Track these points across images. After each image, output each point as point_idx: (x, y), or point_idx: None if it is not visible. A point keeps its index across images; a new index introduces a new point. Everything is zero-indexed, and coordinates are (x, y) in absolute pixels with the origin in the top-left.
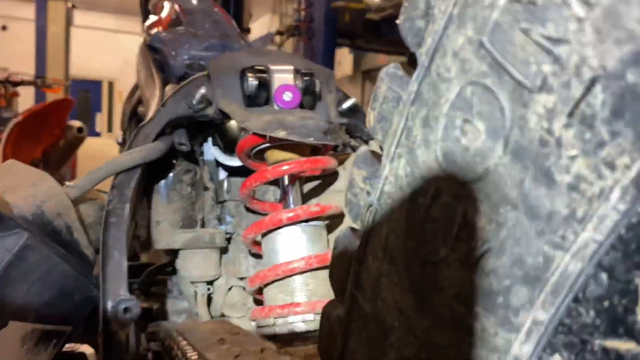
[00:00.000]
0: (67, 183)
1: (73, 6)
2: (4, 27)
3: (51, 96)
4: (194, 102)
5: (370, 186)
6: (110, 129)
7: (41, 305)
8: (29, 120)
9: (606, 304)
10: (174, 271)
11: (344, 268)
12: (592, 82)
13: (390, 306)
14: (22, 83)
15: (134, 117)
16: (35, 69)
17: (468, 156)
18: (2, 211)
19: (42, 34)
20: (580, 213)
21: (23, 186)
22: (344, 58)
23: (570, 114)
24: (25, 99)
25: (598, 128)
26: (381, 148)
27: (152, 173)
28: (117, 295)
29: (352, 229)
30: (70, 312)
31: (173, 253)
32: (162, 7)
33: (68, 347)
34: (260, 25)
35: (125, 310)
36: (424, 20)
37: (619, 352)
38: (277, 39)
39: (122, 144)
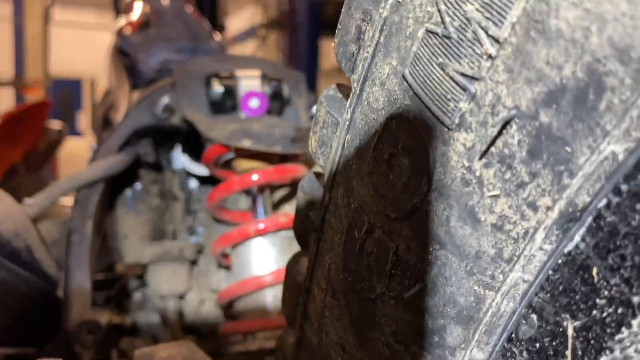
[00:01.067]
0: (25, 200)
1: (52, 2)
2: None
3: (31, 96)
4: (158, 112)
5: (312, 212)
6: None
7: (1, 330)
8: (6, 125)
9: (538, 345)
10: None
11: (294, 296)
12: (508, 121)
13: (333, 341)
14: (0, 84)
15: (106, 123)
16: (14, 69)
17: (396, 192)
18: None
19: (19, 33)
20: (507, 253)
21: None
22: (330, 50)
23: (489, 154)
24: (4, 100)
25: (517, 168)
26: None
27: (117, 185)
28: (81, 316)
29: (300, 254)
30: (34, 333)
31: (144, 266)
32: (133, 8)
33: None
34: (244, 18)
35: (89, 331)
36: (356, 45)
37: None
38: (262, 31)
39: None
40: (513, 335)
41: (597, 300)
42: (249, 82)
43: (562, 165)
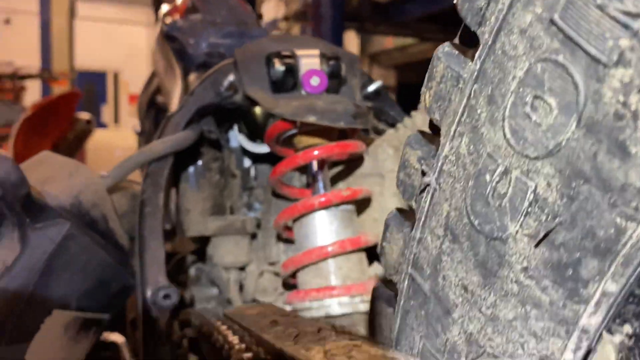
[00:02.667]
0: (101, 173)
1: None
2: (7, 21)
3: (57, 89)
4: (222, 90)
5: (426, 166)
6: (116, 120)
7: (81, 294)
8: (37, 115)
9: None
10: (202, 259)
11: (397, 248)
12: None
13: (453, 283)
14: (29, 77)
15: (152, 107)
16: (40, 62)
17: (539, 132)
18: (44, 202)
19: (46, 27)
20: None
21: (60, 177)
22: (351, 42)
23: None
24: (32, 92)
25: None
26: (434, 128)
27: (180, 162)
28: (156, 282)
29: (400, 210)
30: (108, 300)
31: (202, 241)
32: None
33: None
34: (266, 12)
35: (165, 297)
36: (484, 0)
37: None
38: (284, 24)
39: (141, 134)
40: None
41: None
42: (309, 61)
43: None
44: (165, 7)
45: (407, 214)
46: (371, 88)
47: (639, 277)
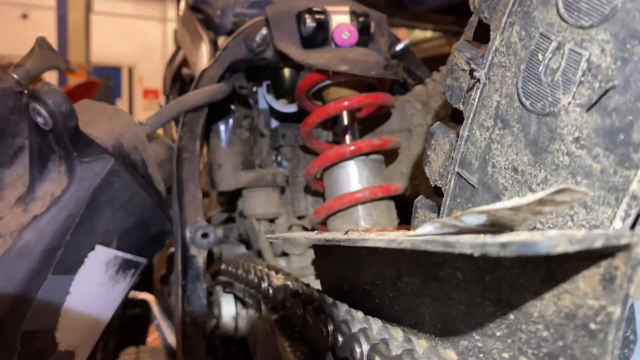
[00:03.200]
0: (140, 121)
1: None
2: (24, 16)
3: (74, 80)
4: (254, 45)
5: (475, 65)
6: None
7: (123, 233)
8: None
9: None
10: (229, 220)
11: (443, 154)
12: None
13: (503, 167)
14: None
15: (176, 81)
16: None
17: (593, 1)
18: (90, 137)
19: (62, 22)
20: None
21: (101, 120)
22: None
23: None
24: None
25: None
26: (483, 32)
27: (212, 119)
28: (195, 222)
29: (444, 123)
30: (146, 243)
31: (231, 196)
32: None
33: (131, 294)
34: None
35: (203, 235)
36: None
37: None
38: None
39: None
40: None
41: None
42: (340, 17)
43: None
44: None
45: (449, 125)
46: (399, 47)
47: None
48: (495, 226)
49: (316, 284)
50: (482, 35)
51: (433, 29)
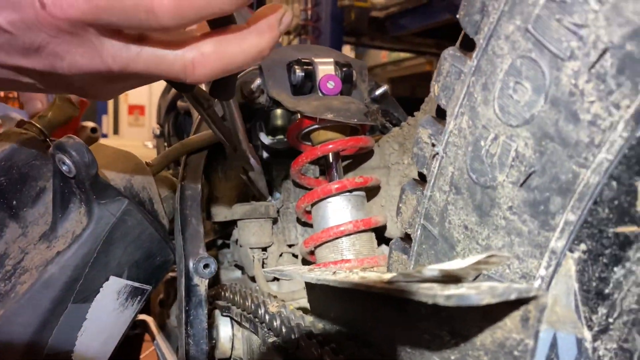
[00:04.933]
0: (146, 161)
1: None
2: None
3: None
4: (249, 92)
5: (435, 140)
6: (116, 131)
7: (132, 264)
8: None
9: (616, 202)
10: (224, 245)
11: (411, 207)
12: (604, 51)
13: (456, 224)
14: None
15: (171, 111)
16: None
17: (519, 107)
18: (107, 181)
19: None
20: (597, 141)
21: (115, 164)
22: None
23: (590, 73)
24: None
25: (608, 81)
26: (442, 112)
27: (211, 155)
28: (197, 254)
29: (414, 180)
30: (152, 272)
31: (226, 226)
32: None
33: None
34: None
35: (205, 266)
36: (479, 15)
37: (625, 234)
38: (285, 38)
39: (160, 136)
40: (598, 199)
41: None
42: (325, 67)
43: (638, 77)
44: None
45: (417, 182)
46: (378, 92)
47: (590, 209)
48: (447, 277)
49: (306, 305)
50: (441, 114)
51: (412, 51)
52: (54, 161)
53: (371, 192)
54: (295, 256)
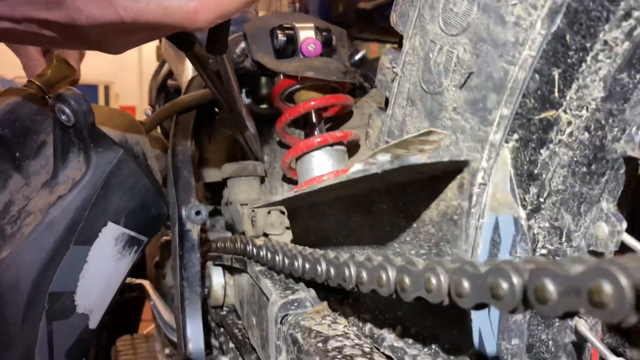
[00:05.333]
0: (140, 120)
1: None
2: None
3: None
4: (234, 56)
5: (395, 63)
6: None
7: (129, 212)
8: None
9: (539, 92)
10: (216, 212)
11: (377, 129)
12: None
13: (412, 133)
14: None
15: (162, 92)
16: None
17: (458, 18)
18: (103, 132)
19: None
20: (521, 39)
21: (109, 120)
22: None
23: None
24: None
25: None
26: (400, 39)
27: (200, 119)
28: (189, 202)
29: (379, 107)
30: (147, 223)
31: (216, 190)
32: None
33: (127, 280)
34: None
35: (197, 213)
36: None
37: (547, 119)
38: None
39: None
40: (525, 91)
41: (569, 53)
42: (306, 32)
43: None
44: None
45: (381, 109)
46: (357, 56)
47: (520, 101)
48: (395, 156)
49: None
50: (401, 42)
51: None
52: (54, 111)
53: (352, 149)
54: (283, 213)
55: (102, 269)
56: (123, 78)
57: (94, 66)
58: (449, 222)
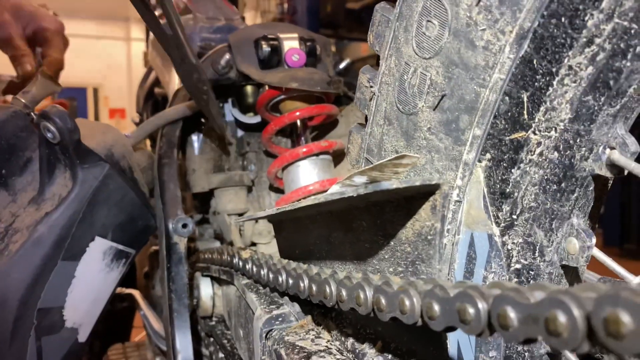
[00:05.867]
0: (125, 134)
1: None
2: None
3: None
4: (220, 67)
5: (372, 82)
6: None
7: (116, 226)
8: None
9: (509, 114)
10: (204, 221)
11: (357, 145)
12: None
13: (389, 151)
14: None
15: (149, 99)
16: None
17: (430, 42)
18: (89, 147)
19: None
20: (491, 63)
21: (95, 134)
22: None
23: (479, 6)
24: None
25: (494, 12)
26: (378, 58)
27: (186, 131)
28: (175, 215)
29: (359, 124)
30: (135, 236)
31: (204, 199)
32: None
33: (118, 290)
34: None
35: (183, 225)
36: None
37: (517, 140)
38: None
39: (140, 124)
40: (496, 113)
41: (537, 77)
42: (291, 42)
43: (515, 7)
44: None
45: (361, 125)
46: (342, 65)
47: (491, 122)
48: (373, 182)
49: None
50: (378, 61)
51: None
52: (40, 129)
53: (338, 157)
54: (270, 221)
55: (91, 283)
56: (112, 80)
57: (83, 68)
58: (424, 242)
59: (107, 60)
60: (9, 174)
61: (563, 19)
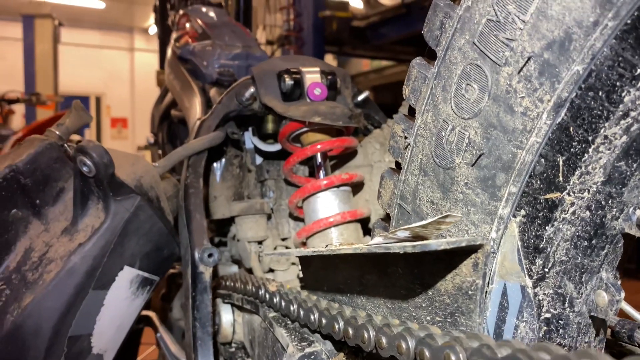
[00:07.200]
0: (153, 164)
1: (60, 24)
2: None
3: (43, 112)
4: (243, 99)
5: (406, 133)
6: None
7: (143, 255)
8: (28, 136)
9: (544, 175)
10: (221, 243)
11: (390, 191)
12: (528, 59)
13: (425, 201)
14: (17, 101)
15: (165, 120)
16: (24, 87)
17: (469, 104)
18: (122, 180)
19: (30, 52)
20: (528, 127)
21: (125, 166)
22: (332, 63)
23: (520, 75)
24: (15, 116)
25: (533, 81)
26: (412, 111)
27: (209, 159)
28: (202, 244)
29: (391, 168)
30: (160, 264)
31: (222, 223)
32: (185, 23)
33: None
34: None
35: (209, 255)
36: (439, 31)
37: (552, 200)
38: (268, 48)
39: (154, 144)
40: (532, 173)
41: (573, 143)
42: (312, 76)
43: (554, 78)
44: (176, 33)
45: (393, 170)
46: (360, 97)
47: (526, 181)
48: (415, 237)
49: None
50: (411, 112)
51: (393, 59)
52: (76, 162)
53: (356, 187)
54: (289, 248)
55: (117, 310)
56: (115, 90)
57: (86, 78)
58: (464, 296)
59: (110, 69)
60: (42, 204)
61: (600, 93)
